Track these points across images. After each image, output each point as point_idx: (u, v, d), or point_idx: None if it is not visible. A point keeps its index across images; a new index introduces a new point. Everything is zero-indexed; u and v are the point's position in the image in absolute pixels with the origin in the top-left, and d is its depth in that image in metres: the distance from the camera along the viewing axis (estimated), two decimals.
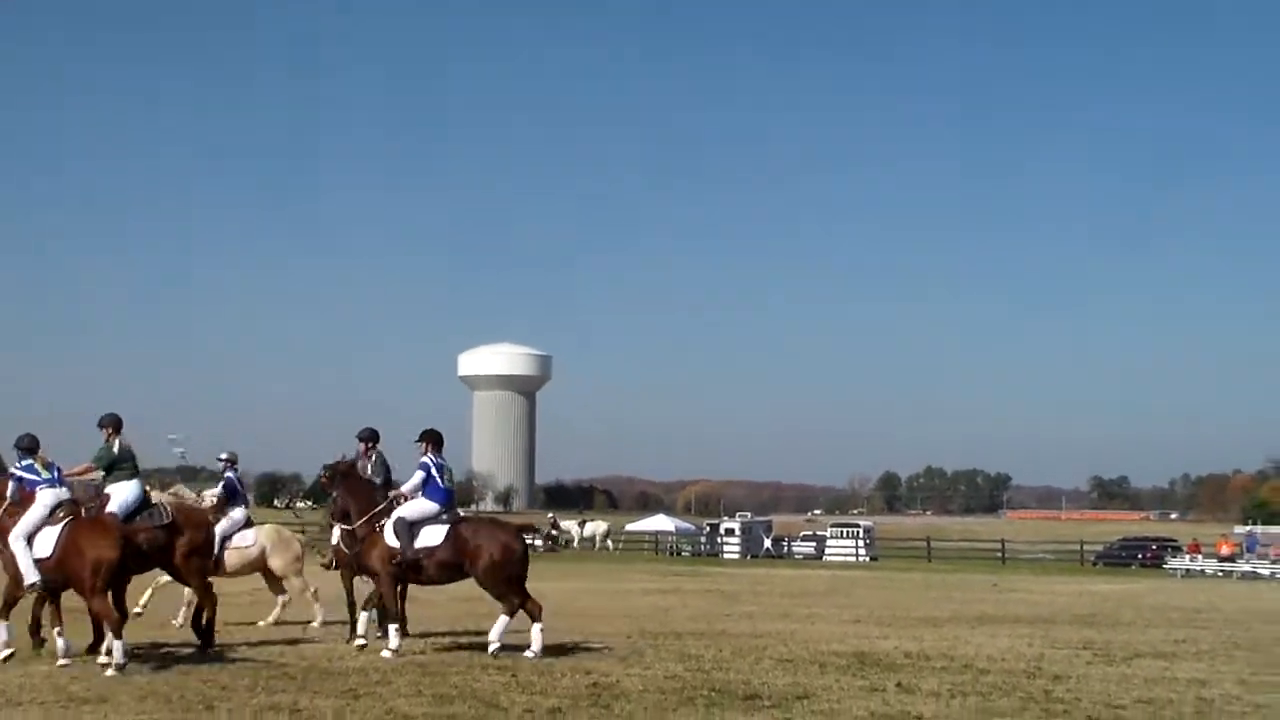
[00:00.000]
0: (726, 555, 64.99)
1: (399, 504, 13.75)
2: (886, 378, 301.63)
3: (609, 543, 70.06)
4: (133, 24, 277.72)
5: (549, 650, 13.45)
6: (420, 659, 12.50)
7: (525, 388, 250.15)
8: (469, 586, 13.72)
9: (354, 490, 13.88)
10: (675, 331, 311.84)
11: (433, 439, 13.85)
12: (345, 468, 14.22)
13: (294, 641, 14.15)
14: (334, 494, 13.96)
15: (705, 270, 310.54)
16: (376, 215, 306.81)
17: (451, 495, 13.84)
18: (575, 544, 69.50)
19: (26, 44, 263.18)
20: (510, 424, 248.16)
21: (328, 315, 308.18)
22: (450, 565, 13.26)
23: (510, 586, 13.18)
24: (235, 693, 10.04)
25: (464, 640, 14.61)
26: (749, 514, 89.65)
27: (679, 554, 68.20)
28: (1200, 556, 51.85)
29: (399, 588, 13.64)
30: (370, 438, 15.42)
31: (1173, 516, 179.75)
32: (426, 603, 17.30)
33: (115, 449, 13.22)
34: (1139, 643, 16.34)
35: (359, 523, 13.61)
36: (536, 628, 13.07)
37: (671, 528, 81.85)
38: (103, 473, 13.14)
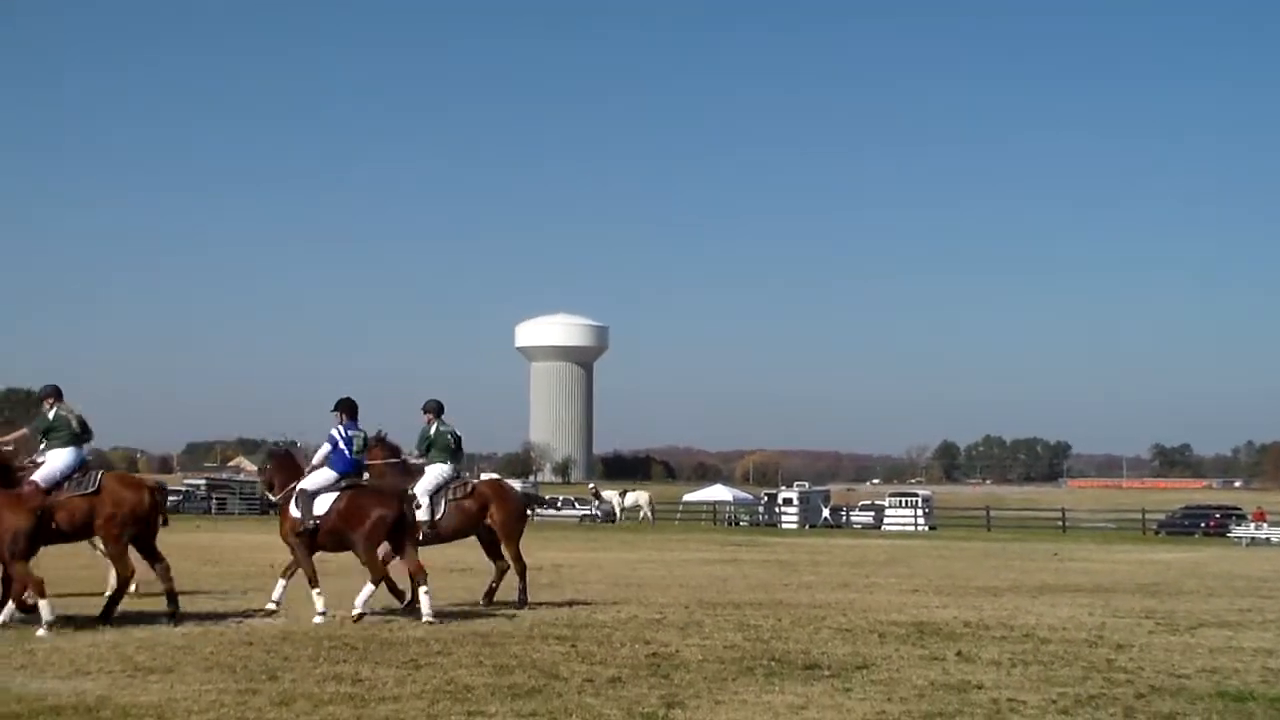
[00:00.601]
0: (784, 525, 65.06)
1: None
2: (944, 346, 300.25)
3: (649, 512, 69.91)
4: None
5: (609, 621, 13.51)
6: (481, 629, 12.57)
7: (582, 358, 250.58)
8: (534, 557, 13.75)
9: (280, 465, 14.31)
10: (732, 301, 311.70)
11: (346, 408, 14.05)
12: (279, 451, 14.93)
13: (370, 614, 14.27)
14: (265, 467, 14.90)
15: (759, 240, 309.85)
16: (434, 187, 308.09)
17: (357, 464, 13.97)
18: (618, 515, 69.27)
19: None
20: (567, 395, 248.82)
21: (387, 289, 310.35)
22: (336, 532, 13.44)
23: (374, 553, 13.32)
24: (298, 663, 10.14)
25: (525, 611, 14.67)
26: (807, 484, 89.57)
27: (737, 524, 68.33)
28: (1265, 525, 51.21)
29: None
30: (435, 409, 15.54)
31: (1236, 485, 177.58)
32: (479, 572, 17.35)
33: (51, 416, 13.34)
34: (1203, 612, 16.17)
35: (279, 495, 14.08)
36: (422, 591, 13.21)
37: (729, 497, 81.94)
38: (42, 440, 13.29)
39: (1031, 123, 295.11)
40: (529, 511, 17.00)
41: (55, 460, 13.12)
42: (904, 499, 73.25)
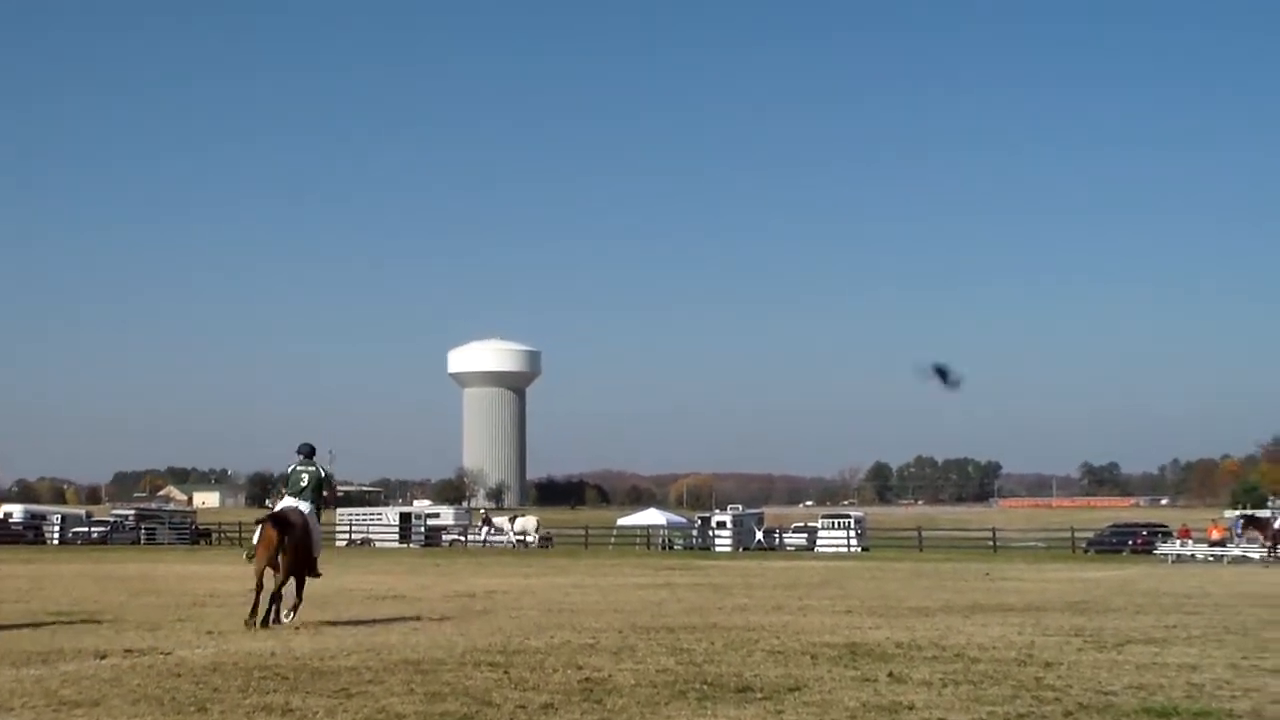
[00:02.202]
0: (719, 548, 65.14)
1: None
2: (876, 367, 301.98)
3: (536, 537, 69.70)
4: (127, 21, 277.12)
5: (542, 647, 13.47)
6: (412, 656, 12.49)
7: (515, 384, 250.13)
8: (467, 583, 13.68)
9: None
10: (664, 325, 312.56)
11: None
12: None
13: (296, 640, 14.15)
14: None
15: (691, 263, 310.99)
16: (364, 216, 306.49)
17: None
18: (509, 541, 68.92)
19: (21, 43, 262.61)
20: (500, 420, 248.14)
21: (318, 315, 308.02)
22: None
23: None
24: (227, 694, 10.02)
25: (456, 637, 14.60)
26: (740, 506, 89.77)
27: (671, 547, 68.34)
28: (1191, 542, 52.03)
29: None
30: (306, 452, 16.87)
31: (1163, 502, 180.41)
32: (415, 600, 17.29)
33: None
34: (1130, 629, 16.39)
35: None
36: None
37: (663, 521, 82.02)
38: None
39: (956, 137, 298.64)
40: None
41: None
42: (837, 520, 73.67)
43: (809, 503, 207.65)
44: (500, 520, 73.67)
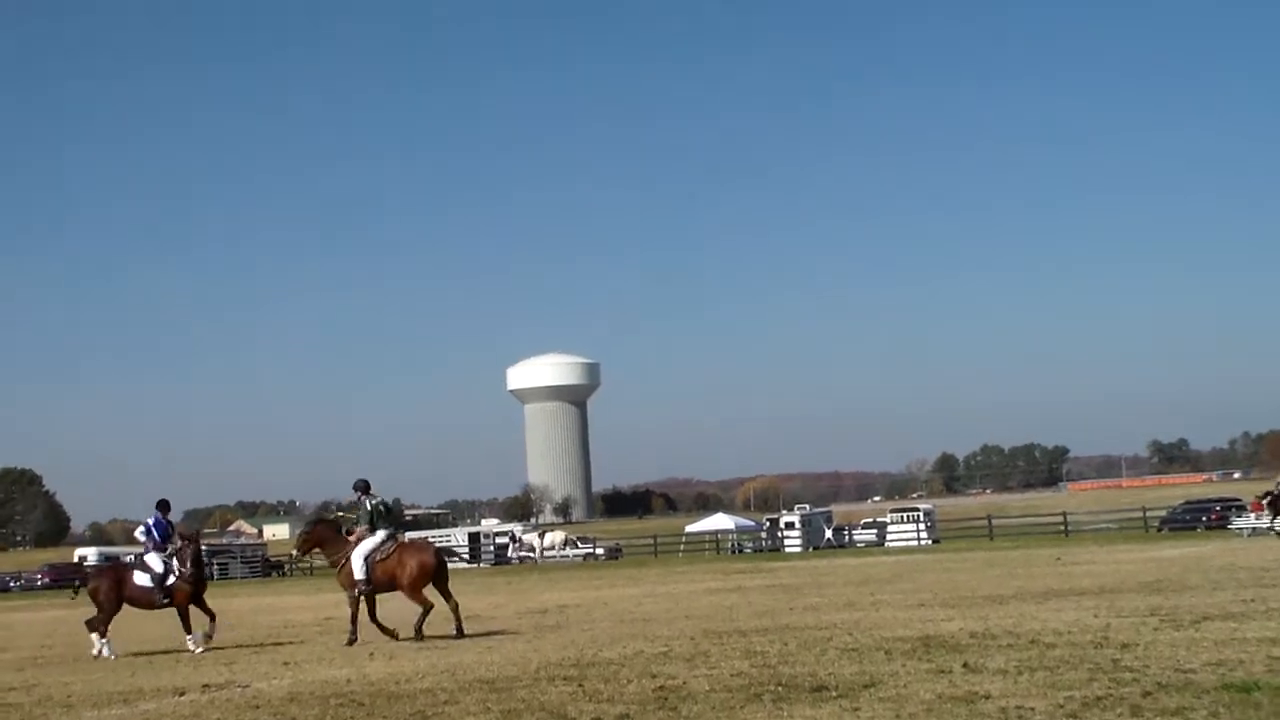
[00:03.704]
0: (788, 549, 64.96)
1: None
2: (936, 359, 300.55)
3: (568, 550, 69.88)
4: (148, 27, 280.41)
5: (615, 658, 13.50)
6: (486, 675, 12.55)
7: (575, 397, 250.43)
8: (538, 599, 13.75)
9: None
10: (721, 329, 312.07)
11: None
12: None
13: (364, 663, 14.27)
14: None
15: (744, 266, 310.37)
16: (416, 238, 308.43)
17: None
18: (537, 556, 69.28)
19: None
20: (563, 434, 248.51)
21: (374, 343, 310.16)
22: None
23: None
24: None
25: (530, 653, 14.66)
26: (808, 506, 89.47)
27: (740, 551, 68.22)
28: (1266, 514, 51.19)
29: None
30: (362, 488, 17.84)
31: (1236, 476, 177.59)
32: (488, 619, 17.38)
33: None
34: (1206, 605, 16.20)
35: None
36: None
37: (731, 526, 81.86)
38: None
39: (1011, 127, 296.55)
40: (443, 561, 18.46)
41: None
42: (906, 514, 73.22)
43: (877, 498, 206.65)
44: (529, 536, 74.02)
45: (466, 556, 72.47)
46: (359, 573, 17.31)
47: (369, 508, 17.73)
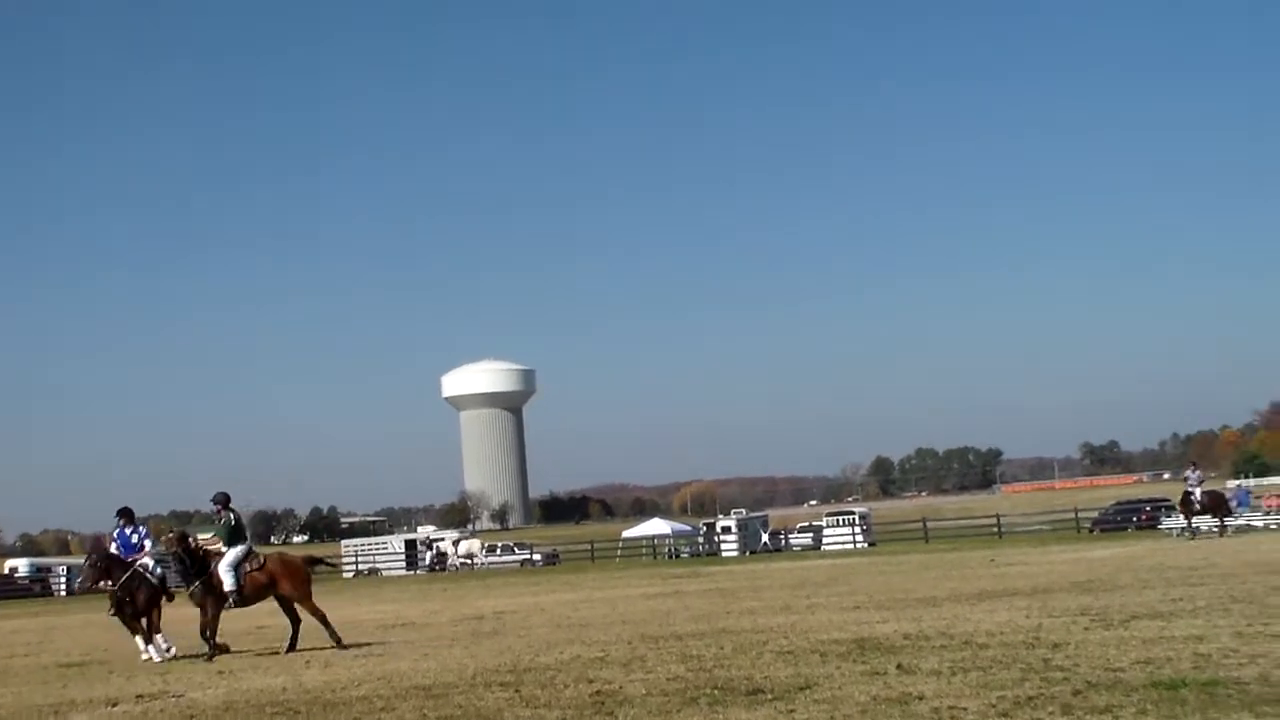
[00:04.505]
0: (725, 553, 65.14)
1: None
2: (870, 363, 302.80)
3: (481, 558, 70.35)
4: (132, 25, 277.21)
5: (552, 664, 13.50)
6: (423, 681, 12.52)
7: (511, 404, 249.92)
8: (475, 606, 13.71)
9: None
10: (655, 336, 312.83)
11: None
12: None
13: (297, 672, 14.17)
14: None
15: (677, 271, 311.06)
16: (351, 243, 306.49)
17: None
18: (452, 563, 69.75)
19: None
20: (499, 441, 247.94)
21: (306, 350, 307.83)
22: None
23: None
24: None
25: (466, 659, 14.63)
26: (744, 510, 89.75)
27: (677, 556, 68.31)
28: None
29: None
30: (222, 501, 17.85)
31: (1165, 476, 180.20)
32: (424, 626, 17.33)
33: None
34: (1136, 604, 16.45)
35: None
36: None
37: (668, 530, 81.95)
38: None
39: (935, 126, 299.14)
40: (309, 572, 18.51)
41: None
42: (841, 518, 73.66)
43: (813, 502, 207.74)
44: (444, 545, 74.27)
45: (404, 563, 72.21)
46: (229, 584, 17.21)
47: (231, 522, 17.75)
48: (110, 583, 18.02)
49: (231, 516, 17.78)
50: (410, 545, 77.37)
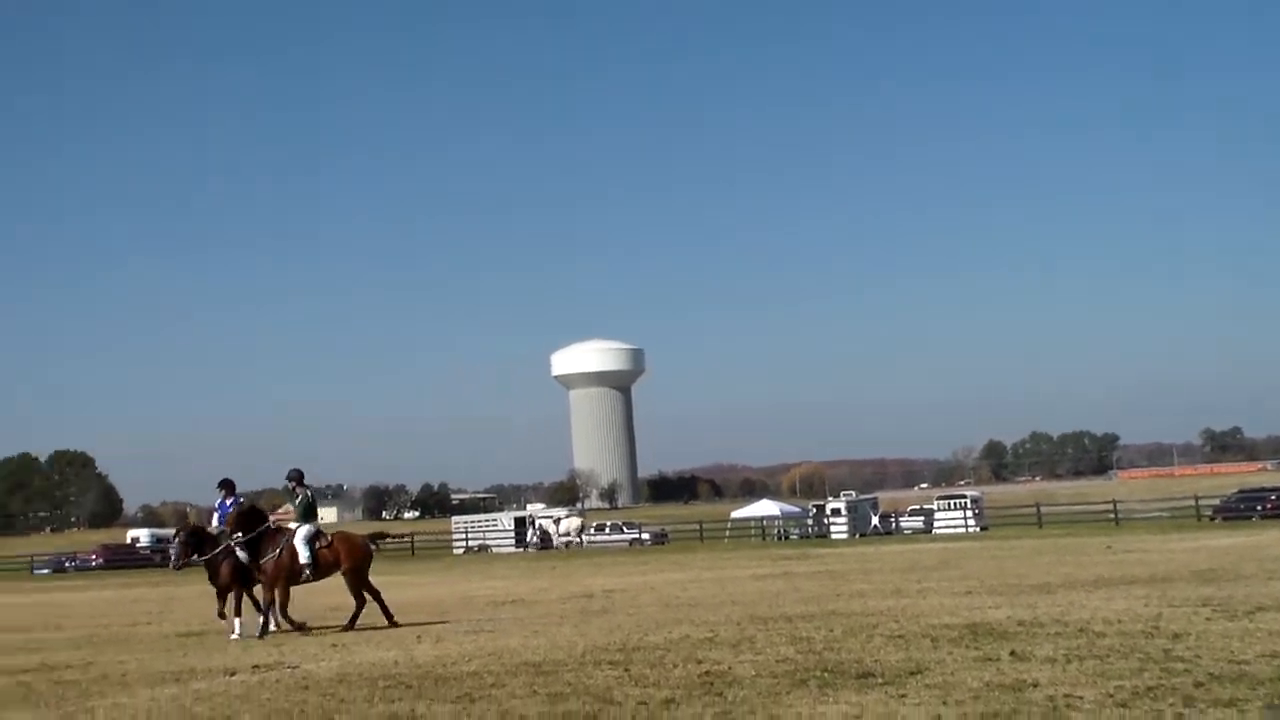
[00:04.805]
0: (834, 535, 64.78)
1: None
2: (985, 345, 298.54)
3: (581, 538, 70.40)
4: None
5: (661, 643, 13.50)
6: (533, 658, 12.58)
7: (620, 383, 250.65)
8: (584, 584, 13.77)
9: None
10: (766, 315, 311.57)
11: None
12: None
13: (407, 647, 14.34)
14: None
15: (788, 252, 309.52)
16: (461, 224, 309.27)
17: None
18: (556, 542, 69.84)
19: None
20: (608, 420, 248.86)
21: (419, 329, 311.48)
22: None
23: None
24: (353, 704, 10.17)
25: (576, 637, 14.69)
26: (854, 492, 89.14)
27: (786, 537, 68.05)
28: None
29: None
30: (296, 478, 18.34)
31: None
32: (533, 604, 17.44)
33: None
34: (1262, 596, 16.00)
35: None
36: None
37: (777, 512, 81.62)
38: None
39: (1029, 122, 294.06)
40: (372, 549, 19.01)
41: None
42: (953, 501, 72.83)
43: (924, 485, 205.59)
44: (547, 524, 74.40)
45: (513, 540, 72.77)
46: (304, 557, 17.56)
47: (308, 499, 18.26)
48: (199, 556, 18.26)
49: (308, 493, 18.28)
50: (520, 523, 77.91)
